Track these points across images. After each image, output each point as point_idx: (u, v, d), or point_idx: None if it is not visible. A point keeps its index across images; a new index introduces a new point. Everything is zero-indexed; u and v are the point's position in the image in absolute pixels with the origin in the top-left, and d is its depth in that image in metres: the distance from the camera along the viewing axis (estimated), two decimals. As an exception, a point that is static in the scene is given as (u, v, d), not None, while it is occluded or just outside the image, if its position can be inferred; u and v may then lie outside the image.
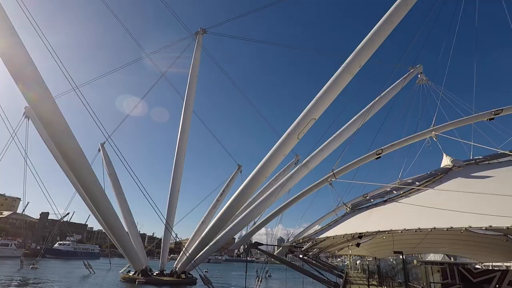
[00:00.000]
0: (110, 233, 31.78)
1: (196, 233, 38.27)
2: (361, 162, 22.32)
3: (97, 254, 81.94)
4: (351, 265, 57.67)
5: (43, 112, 21.19)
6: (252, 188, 26.74)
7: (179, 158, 39.13)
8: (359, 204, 16.45)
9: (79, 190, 30.12)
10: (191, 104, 40.60)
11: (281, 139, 23.37)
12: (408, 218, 11.56)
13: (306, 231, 33.45)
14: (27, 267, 40.29)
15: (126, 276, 33.04)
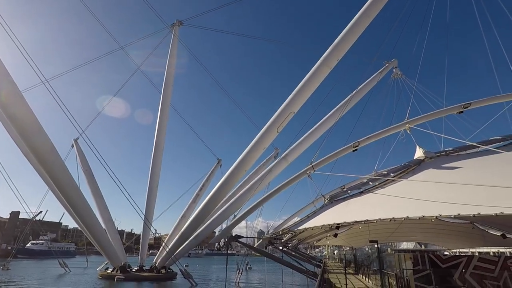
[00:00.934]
0: (86, 231, 30.79)
1: (176, 228, 37.89)
2: (339, 154, 22.76)
3: (73, 253, 79.40)
4: (329, 255, 59.35)
5: (8, 106, 19.98)
6: (231, 182, 26.69)
7: (157, 153, 38.38)
8: (336, 196, 16.85)
9: (52, 187, 28.92)
10: (168, 98, 39.74)
11: (261, 133, 23.41)
12: (383, 208, 11.98)
13: (285, 223, 33.97)
14: (-4, 268, 38.42)
15: (104, 274, 32.30)
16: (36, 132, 21.41)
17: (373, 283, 16.77)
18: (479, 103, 19.56)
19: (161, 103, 39.17)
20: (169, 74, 39.74)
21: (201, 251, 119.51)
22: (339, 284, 16.79)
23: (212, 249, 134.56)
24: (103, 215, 35.19)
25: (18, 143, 28.44)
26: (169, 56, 39.91)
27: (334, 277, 20.92)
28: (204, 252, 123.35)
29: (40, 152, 22.08)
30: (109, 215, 36.88)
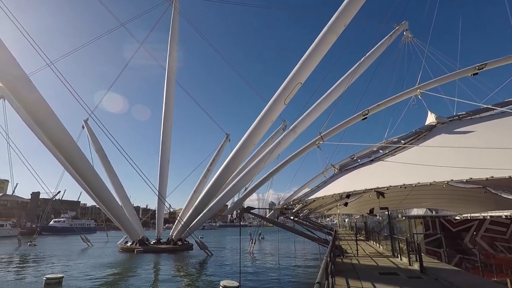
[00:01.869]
0: (104, 208, 32.05)
1: (189, 202, 38.94)
2: (348, 123, 22.50)
3: (93, 229, 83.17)
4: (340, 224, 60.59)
5: (17, 90, 20.08)
6: (241, 156, 26.90)
7: (166, 130, 38.66)
8: (346, 165, 16.86)
9: (67, 168, 29.73)
10: (173, 73, 39.33)
11: (268, 105, 23.14)
12: (393, 175, 11.95)
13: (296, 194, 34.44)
14: (25, 244, 40.83)
15: (124, 247, 33.93)
16: (47, 115, 21.63)
17: (384, 248, 17.14)
18: (495, 63, 18.68)
19: (166, 80, 38.87)
20: (172, 49, 39.07)
21: (214, 223, 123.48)
22: (350, 250, 17.22)
23: (225, 221, 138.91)
24: (118, 193, 36.30)
25: (31, 127, 29.01)
26: (170, 30, 39.02)
27: (345, 243, 21.44)
28: (217, 224, 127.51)
29: (53, 134, 22.46)
30: (124, 192, 38.06)
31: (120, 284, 17.16)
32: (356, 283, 8.62)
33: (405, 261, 12.23)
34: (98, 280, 17.89)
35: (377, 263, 12.69)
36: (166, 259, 27.19)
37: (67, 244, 45.00)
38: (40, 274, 19.18)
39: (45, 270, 21.11)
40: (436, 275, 9.44)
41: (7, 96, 28.01)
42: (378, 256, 14.92)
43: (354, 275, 9.96)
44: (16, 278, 18.71)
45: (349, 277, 9.36)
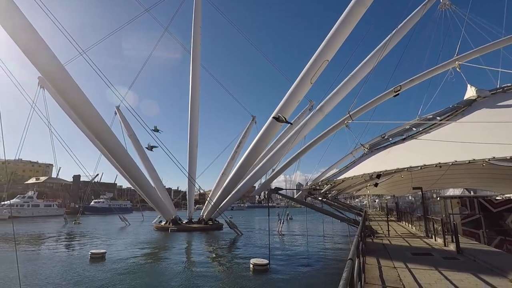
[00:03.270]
0: (138, 189, 33.78)
1: (217, 184, 39.94)
2: (378, 101, 21.57)
3: (129, 209, 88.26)
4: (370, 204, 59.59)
5: (55, 80, 21.13)
6: (267, 137, 26.87)
7: (193, 113, 39.31)
8: (377, 144, 16.33)
9: (104, 152, 31.34)
10: (198, 56, 39.45)
11: (294, 85, 22.67)
12: (427, 154, 11.40)
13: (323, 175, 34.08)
14: (70, 223, 44.50)
15: (158, 226, 35.86)
16: (82, 102, 22.66)
17: (417, 229, 16.70)
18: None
19: (192, 64, 39.14)
20: (196, 33, 39.05)
21: (243, 204, 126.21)
22: (380, 230, 16.96)
23: (253, 202, 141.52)
24: (151, 175, 37.94)
25: (70, 115, 30.69)
26: (194, 15, 38.87)
27: (375, 224, 21.14)
28: (246, 205, 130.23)
29: (89, 120, 23.61)
30: (156, 175, 39.72)
31: (157, 259, 18.26)
32: (387, 263, 8.52)
33: (440, 242, 11.86)
34: (137, 255, 19.15)
35: (410, 243, 12.41)
36: (198, 238, 28.42)
37: (107, 223, 48.32)
38: (85, 249, 20.88)
39: (89, 245, 22.94)
40: (474, 256, 9.08)
41: (46, 85, 29.67)
42: (410, 236, 14.58)
43: (385, 254, 9.83)
44: (65, 252, 20.54)
45: (380, 257, 9.26)
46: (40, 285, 11.97)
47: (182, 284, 12.62)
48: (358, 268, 4.49)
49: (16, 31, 18.11)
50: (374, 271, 7.55)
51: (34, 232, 33.73)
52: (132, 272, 14.56)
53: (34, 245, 23.65)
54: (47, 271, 14.46)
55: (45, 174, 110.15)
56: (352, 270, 3.09)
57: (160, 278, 13.76)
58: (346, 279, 2.55)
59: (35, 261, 17.21)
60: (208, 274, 14.18)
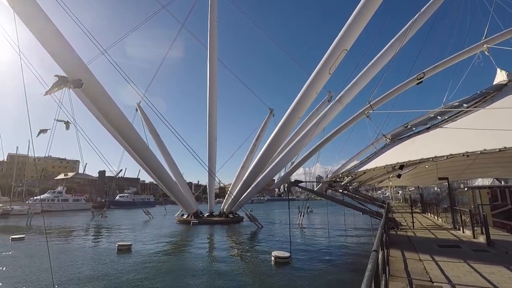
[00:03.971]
0: (160, 184, 34.68)
1: (237, 177, 40.29)
2: (400, 90, 20.87)
3: (152, 203, 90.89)
4: (392, 196, 58.21)
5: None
6: (286, 130, 26.73)
7: (211, 108, 39.64)
8: (399, 134, 15.84)
9: (127, 148, 32.29)
10: (215, 51, 39.53)
11: (312, 76, 22.32)
12: (454, 143, 10.94)
13: (344, 167, 33.60)
14: (97, 216, 46.49)
15: (181, 219, 36.75)
16: (105, 100, 23.33)
17: (443, 221, 16.16)
18: None
19: (209, 58, 39.32)
20: (213, 27, 39.08)
21: (262, 197, 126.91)
22: (404, 222, 16.55)
23: (272, 195, 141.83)
24: (172, 170, 38.76)
25: (94, 113, 31.74)
26: (210, 10, 38.88)
27: (399, 216, 20.65)
28: (265, 198, 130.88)
29: (112, 118, 24.29)
30: (177, 169, 40.53)
31: (181, 252, 18.76)
32: (412, 255, 8.31)
33: (468, 234, 11.43)
34: (161, 247, 19.75)
35: (436, 235, 12.04)
36: (219, 230, 28.89)
37: (132, 216, 50.03)
38: (112, 241, 21.75)
39: (116, 238, 23.87)
40: (506, 248, 8.68)
41: (70, 85, 30.74)
42: (436, 228, 14.14)
43: (410, 247, 9.59)
44: (94, 244, 21.50)
45: (405, 249, 9.04)
46: (73, 276, 12.61)
47: (205, 275, 12.91)
48: (383, 260, 4.40)
49: (44, 36, 18.80)
50: (399, 264, 7.39)
51: (65, 225, 35.51)
52: (157, 264, 15.05)
53: (65, 238, 24.92)
54: (78, 262, 15.20)
55: (73, 170, 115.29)
56: (377, 262, 3.03)
57: (184, 269, 14.14)
58: (371, 271, 2.50)
59: (67, 253, 18.13)
60: (230, 266, 14.42)
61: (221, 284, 11.31)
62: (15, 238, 22.30)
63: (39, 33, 18.44)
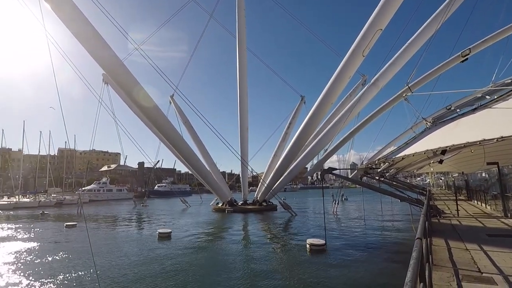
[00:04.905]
0: (195, 173, 35.87)
1: (269, 166, 40.45)
2: (442, 69, 19.41)
3: (188, 192, 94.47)
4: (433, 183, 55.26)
5: (118, 76, 22.88)
6: (318, 117, 26.16)
7: (242, 97, 39.82)
8: (441, 117, 14.84)
9: (163, 140, 33.67)
10: (244, 40, 39.38)
11: (344, 60, 21.47)
12: (505, 124, 10.01)
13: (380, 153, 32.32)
14: (139, 205, 49.39)
15: (216, 207, 37.91)
16: (141, 95, 24.32)
17: (492, 209, 15.06)
18: None
19: (238, 48, 39.30)
20: (240, 16, 38.87)
21: (295, 185, 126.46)
22: (448, 210, 15.66)
23: (306, 184, 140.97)
24: (206, 160, 39.81)
25: (131, 107, 33.33)
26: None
27: (441, 204, 19.58)
28: (298, 186, 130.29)
29: (148, 111, 25.32)
30: (211, 159, 41.58)
31: (217, 238, 19.41)
32: (458, 244, 7.85)
33: (522, 222, 10.55)
34: (199, 234, 20.56)
35: (484, 224, 11.27)
36: (254, 218, 29.38)
37: (170, 205, 52.46)
38: (153, 228, 23.03)
39: (156, 225, 25.24)
40: None
41: (110, 81, 32.47)
42: (484, 217, 13.22)
43: (454, 236, 9.07)
44: (137, 232, 22.93)
45: (449, 238, 8.57)
46: (119, 261, 13.57)
47: (241, 262, 13.26)
48: (426, 249, 4.20)
49: (84, 37, 19.93)
50: (442, 253, 7.02)
51: (111, 213, 38.21)
52: (195, 250, 15.72)
53: (112, 225, 26.87)
54: (124, 248, 16.33)
55: (114, 162, 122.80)
56: (421, 250, 2.89)
57: (221, 256, 14.63)
58: (417, 258, 2.38)
59: (114, 239, 19.55)
60: (266, 253, 14.66)
61: (258, 271, 11.56)
62: (69, 225, 24.43)
63: (79, 34, 19.54)
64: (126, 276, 10.98)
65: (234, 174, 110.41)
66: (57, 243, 17.96)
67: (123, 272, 11.43)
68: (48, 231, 22.94)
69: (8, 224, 27.37)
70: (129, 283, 10.14)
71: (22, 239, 19.14)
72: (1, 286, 9.99)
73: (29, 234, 21.43)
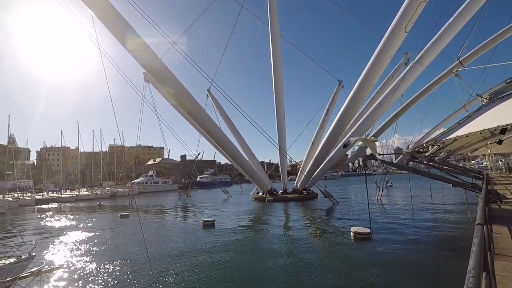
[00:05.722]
0: (235, 164, 36.56)
1: (308, 154, 39.88)
2: (499, 38, 17.37)
3: (229, 182, 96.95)
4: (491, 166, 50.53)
5: (159, 73, 23.84)
6: (358, 101, 25.07)
7: (277, 85, 39.44)
8: (500, 92, 13.31)
9: (202, 133, 34.67)
10: (276, 26, 38.72)
11: (385, 38, 20.16)
12: None
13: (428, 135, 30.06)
14: (183, 196, 51.85)
15: (256, 197, 38.45)
16: (181, 90, 25.07)
17: None
18: None
19: (271, 36, 38.78)
20: (272, 3, 38.19)
21: (336, 173, 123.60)
22: (510, 195, 14.22)
23: (347, 171, 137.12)
24: (245, 150, 40.35)
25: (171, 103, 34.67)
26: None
27: (502, 188, 17.83)
28: (339, 174, 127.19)
29: (187, 106, 26.14)
30: (249, 150, 42.05)
31: (259, 227, 19.73)
32: (524, 232, 7.08)
33: None
34: (241, 223, 21.06)
35: (555, 209, 10.03)
36: (294, 207, 29.33)
37: (212, 195, 54.30)
38: (198, 218, 24.05)
39: (200, 214, 26.32)
40: None
41: (150, 79, 33.97)
42: (555, 201, 11.76)
43: (519, 222, 8.19)
44: (183, 220, 24.15)
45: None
46: (168, 247, 14.40)
47: (284, 249, 13.34)
48: (487, 236, 3.82)
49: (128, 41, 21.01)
50: (505, 241, 6.37)
51: (159, 204, 40.66)
52: (238, 238, 16.13)
53: (160, 215, 28.61)
54: (172, 236, 17.31)
55: (159, 155, 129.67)
56: (483, 236, 2.62)
57: (263, 244, 14.86)
58: (479, 245, 2.15)
59: (163, 227, 20.80)
60: (308, 241, 14.58)
61: (301, 259, 11.54)
62: (123, 215, 26.47)
63: (120, 36, 20.61)
64: (175, 261, 11.63)
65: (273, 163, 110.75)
66: (113, 231, 19.56)
67: (172, 258, 12.13)
68: (105, 221, 25.09)
69: (73, 215, 30.43)
70: (177, 268, 10.74)
71: (85, 228, 21.17)
72: (71, 265, 11.14)
73: (90, 223, 23.65)
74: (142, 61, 22.35)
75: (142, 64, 22.70)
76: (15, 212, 35.93)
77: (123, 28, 20.48)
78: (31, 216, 31.68)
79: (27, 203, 45.61)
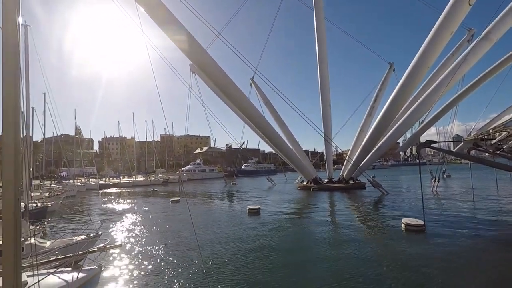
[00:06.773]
0: (279, 152, 36.51)
1: (355, 142, 38.26)
2: None
3: (273, 171, 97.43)
4: None
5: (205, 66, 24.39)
6: (411, 84, 23.25)
7: (322, 71, 38.13)
8: None
9: (246, 121, 35.12)
10: (321, 8, 37.11)
11: (445, 12, 18.20)
12: None
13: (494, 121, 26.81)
14: (229, 183, 53.47)
15: (301, 185, 38.15)
16: (225, 81, 25.40)
17: None
18: None
19: (315, 20, 37.36)
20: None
21: (385, 162, 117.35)
22: None
23: (397, 160, 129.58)
24: (289, 138, 39.97)
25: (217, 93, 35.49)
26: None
27: None
28: (389, 163, 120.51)
29: (232, 95, 26.44)
30: (293, 138, 41.54)
31: (304, 215, 19.62)
32: None
33: None
34: (286, 211, 21.13)
35: None
36: (340, 197, 28.55)
37: (257, 183, 55.15)
38: (243, 204, 24.64)
39: (246, 201, 26.92)
40: None
41: (197, 71, 35.05)
42: None
43: None
44: (230, 207, 24.95)
45: None
46: (215, 232, 15.03)
47: (330, 239, 13.10)
48: None
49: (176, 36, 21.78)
50: None
51: (206, 191, 42.50)
52: (284, 226, 16.24)
53: (208, 201, 29.93)
54: (219, 221, 18.02)
55: (205, 144, 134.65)
56: None
57: (308, 233, 14.75)
58: None
59: (210, 213, 21.75)
60: (356, 232, 14.12)
61: (349, 250, 11.24)
62: (174, 200, 28.19)
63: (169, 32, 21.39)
64: (222, 245, 12.12)
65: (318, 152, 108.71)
66: (166, 216, 20.94)
67: (219, 242, 12.66)
68: (159, 205, 26.98)
69: (130, 199, 33.23)
70: (224, 251, 11.17)
71: (141, 211, 23.00)
72: (131, 243, 12.22)
73: (145, 207, 25.66)
74: (190, 54, 23.01)
75: (189, 57, 23.39)
76: (83, 195, 40.27)
77: (171, 24, 21.18)
78: (96, 199, 35.24)
79: (92, 188, 50.92)
